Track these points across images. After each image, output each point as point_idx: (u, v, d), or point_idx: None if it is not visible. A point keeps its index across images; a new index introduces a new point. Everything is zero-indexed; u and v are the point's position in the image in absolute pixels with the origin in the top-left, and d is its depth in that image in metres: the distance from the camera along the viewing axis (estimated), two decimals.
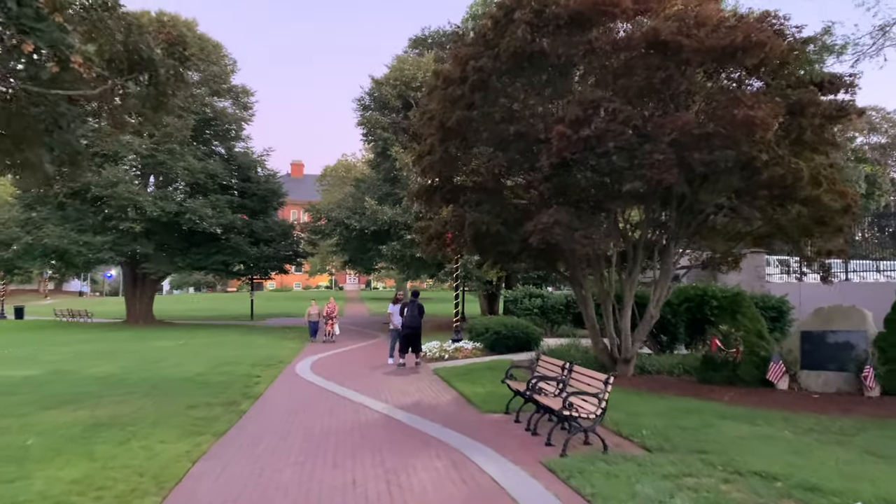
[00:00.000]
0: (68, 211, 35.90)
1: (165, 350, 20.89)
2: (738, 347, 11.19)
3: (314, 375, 14.39)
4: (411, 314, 15.73)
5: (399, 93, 29.40)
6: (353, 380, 13.64)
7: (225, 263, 38.02)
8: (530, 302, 22.47)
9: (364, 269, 40.77)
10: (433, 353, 17.41)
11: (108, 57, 7.33)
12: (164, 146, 35.09)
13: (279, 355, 18.73)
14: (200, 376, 13.86)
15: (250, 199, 40.26)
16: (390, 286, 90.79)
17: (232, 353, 19.29)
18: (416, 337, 16.17)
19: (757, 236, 12.46)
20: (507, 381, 9.38)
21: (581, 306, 13.77)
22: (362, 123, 31.24)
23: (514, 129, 10.82)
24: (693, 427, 8.03)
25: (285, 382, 13.42)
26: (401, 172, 27.53)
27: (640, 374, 13.22)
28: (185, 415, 9.38)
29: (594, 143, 9.73)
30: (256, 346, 21.98)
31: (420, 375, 14.34)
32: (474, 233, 11.95)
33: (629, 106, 9.96)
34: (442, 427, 8.56)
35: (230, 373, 14.49)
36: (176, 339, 25.71)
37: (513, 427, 8.51)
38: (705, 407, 9.51)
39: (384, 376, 14.27)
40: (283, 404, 10.63)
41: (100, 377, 13.71)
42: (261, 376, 14.10)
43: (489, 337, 17.92)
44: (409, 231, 26.31)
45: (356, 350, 21.17)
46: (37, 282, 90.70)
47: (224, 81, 40.71)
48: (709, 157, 9.29)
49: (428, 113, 13.15)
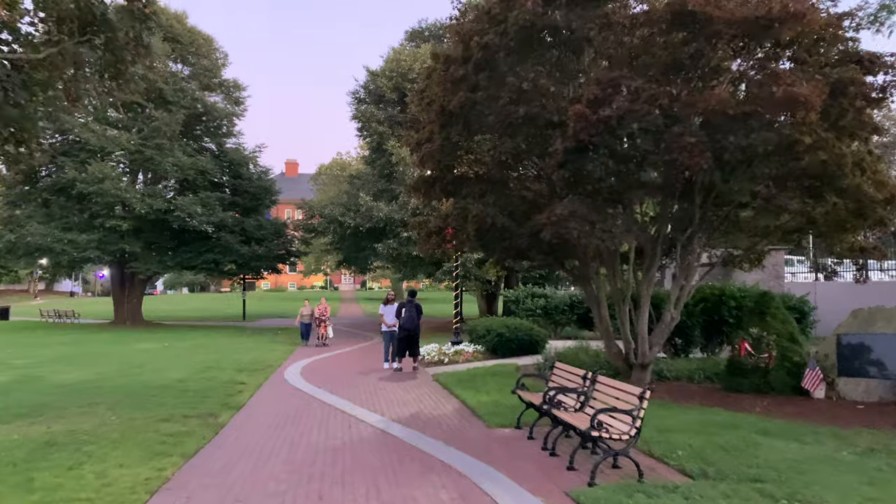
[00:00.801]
0: (53, 208, 34.68)
1: (148, 353, 19.76)
2: (771, 352, 10.15)
3: (303, 382, 13.30)
4: (409, 315, 14.65)
5: (395, 85, 28.25)
6: (345, 387, 12.56)
7: (215, 262, 36.84)
8: (532, 302, 21.38)
9: (359, 269, 39.67)
10: (431, 357, 16.35)
11: (55, 16, 6.22)
12: (152, 141, 33.93)
13: (268, 359, 17.63)
14: (180, 383, 12.76)
15: (242, 196, 39.11)
16: (386, 286, 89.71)
17: (218, 357, 18.18)
18: (415, 340, 15.10)
19: (785, 231, 11.41)
20: (519, 391, 8.33)
21: (592, 307, 12.70)
22: (357, 117, 30.08)
23: (524, 110, 9.74)
24: (735, 446, 6.98)
25: (271, 390, 12.33)
26: (397, 168, 26.44)
27: (658, 380, 12.18)
28: (155, 430, 8.28)
29: (615, 124, 8.66)
30: (245, 349, 20.88)
31: (418, 381, 13.27)
32: (478, 227, 10.85)
33: (653, 84, 8.90)
34: (445, 446, 7.49)
35: (213, 379, 13.39)
36: (162, 342, 24.57)
37: (527, 446, 7.44)
38: (741, 420, 8.45)
39: (379, 383, 13.19)
40: (267, 417, 9.54)
41: (69, 384, 12.59)
42: (245, 383, 13.01)
43: (491, 339, 16.85)
44: (405, 228, 25.23)
45: (350, 353, 20.07)
46: (27, 282, 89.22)
47: (215, 75, 39.54)
48: (745, 141, 8.24)
49: (427, 97, 12.07)
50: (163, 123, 34.10)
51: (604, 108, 8.70)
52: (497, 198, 11.11)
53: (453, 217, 11.37)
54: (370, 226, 26.32)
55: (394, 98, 28.81)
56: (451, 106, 10.72)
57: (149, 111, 34.53)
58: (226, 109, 39.97)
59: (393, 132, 27.72)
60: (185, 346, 22.44)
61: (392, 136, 26.90)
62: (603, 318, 12.20)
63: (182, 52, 37.80)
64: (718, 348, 15.71)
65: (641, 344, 11.74)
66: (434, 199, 12.50)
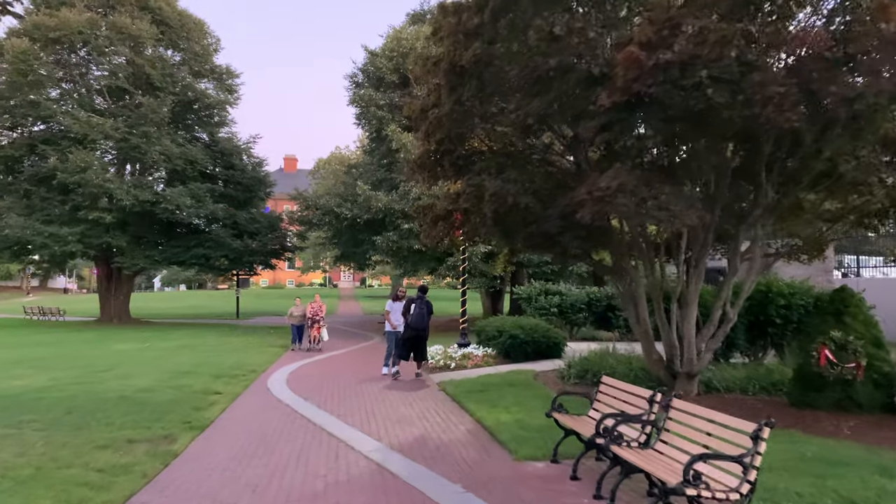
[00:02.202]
0: (34, 200, 32.78)
1: (123, 355, 17.89)
2: (860, 361, 8.25)
3: (288, 392, 11.42)
4: (419, 312, 12.73)
5: (395, 66, 26.27)
6: (337, 399, 10.67)
7: (206, 257, 34.93)
8: (546, 300, 19.53)
9: (357, 265, 37.77)
10: (436, 362, 14.45)
11: None
12: (138, 129, 32.02)
13: (253, 362, 15.75)
14: (143, 393, 10.87)
15: (234, 188, 37.20)
16: (385, 283, 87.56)
17: (198, 360, 16.31)
18: (422, 341, 13.20)
19: (863, 214, 9.50)
20: (556, 414, 6.45)
21: (627, 306, 10.82)
22: (355, 102, 28.10)
23: (555, 62, 7.83)
24: (863, 499, 5.09)
25: (249, 402, 10.44)
26: (397, 154, 24.51)
27: (706, 392, 10.29)
28: (84, 463, 6.39)
29: (677, 72, 6.77)
30: (230, 350, 19.00)
31: (423, 392, 11.39)
32: (496, 209, 8.94)
33: (723, 23, 7.01)
34: (463, 492, 5.60)
35: (183, 388, 11.50)
36: (143, 341, 22.70)
37: (572, 491, 5.55)
38: (842, 452, 6.56)
39: (378, 392, 11.30)
40: (235, 442, 7.65)
41: (11, 395, 10.70)
42: (221, 393, 11.13)
43: (503, 341, 14.92)
44: (406, 220, 23.32)
45: (345, 355, 18.18)
46: (19, 278, 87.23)
47: (206, 61, 37.56)
48: (853, 92, 6.34)
49: (433, 58, 10.17)
50: (149, 110, 32.21)
51: (663, 51, 6.81)
52: (519, 173, 9.22)
53: (466, 197, 9.47)
54: (368, 217, 24.37)
55: (394, 80, 26.85)
56: (463, 61, 8.85)
57: (136, 99, 32.65)
58: (218, 97, 38.03)
59: (393, 117, 25.76)
60: (168, 347, 20.57)
61: (392, 121, 24.96)
62: (641, 318, 10.30)
63: (172, 36, 35.84)
64: (763, 353, 13.82)
65: (688, 349, 9.86)
66: (442, 178, 10.60)
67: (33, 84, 31.75)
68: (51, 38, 31.60)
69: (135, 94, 33.10)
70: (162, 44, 35.50)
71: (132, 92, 33.36)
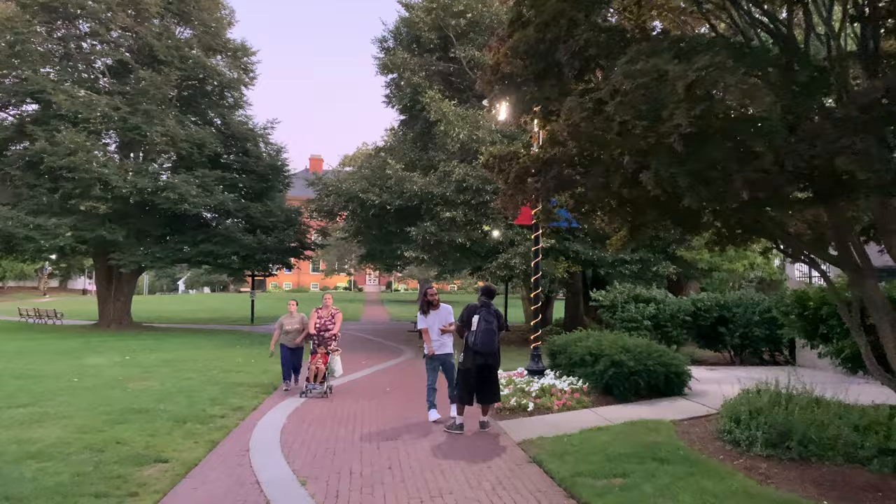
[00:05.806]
0: (21, 188, 28.91)
1: (86, 374, 13.59)
2: None
3: (278, 462, 6.85)
4: (486, 329, 8.03)
5: (435, 21, 21.66)
6: (359, 483, 6.09)
7: (213, 254, 30.66)
8: (637, 309, 14.73)
9: (385, 267, 33.23)
10: (506, 399, 9.74)
11: None
12: (139, 107, 28.01)
13: (244, 391, 11.29)
14: (30, 460, 6.42)
15: (248, 176, 33.01)
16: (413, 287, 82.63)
17: (172, 385, 11.94)
18: (493, 372, 8.42)
19: None
20: None
21: (876, 315, 6.08)
22: (385, 68, 23.56)
23: None
24: None
25: (204, 493, 5.90)
26: (437, 127, 19.92)
27: None
28: None
29: None
30: (223, 369, 14.58)
31: (499, 464, 6.72)
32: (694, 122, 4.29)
33: None
34: None
35: (109, 448, 7.01)
36: (126, 354, 18.45)
37: None
38: None
39: (421, 463, 6.67)
40: None
41: None
42: (167, 461, 6.64)
43: (602, 371, 10.16)
44: (446, 207, 18.74)
45: (371, 379, 13.59)
46: (37, 278, 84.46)
47: (218, 35, 33.44)
48: None
49: None
50: (151, 85, 28.16)
51: None
52: (735, 56, 4.54)
53: (620, 105, 4.76)
54: (401, 203, 19.76)
55: (432, 39, 22.26)
56: None
57: (137, 73, 28.65)
58: (231, 76, 33.90)
59: (431, 84, 21.19)
60: (148, 363, 16.25)
61: (430, 88, 20.37)
62: None
63: (181, 6, 31.80)
64: None
65: None
66: (551, 85, 5.89)
67: (21, 55, 27.90)
68: (41, 3, 27.78)
69: (135, 68, 29.09)
70: (170, 13, 31.50)
71: (133, 67, 29.38)
